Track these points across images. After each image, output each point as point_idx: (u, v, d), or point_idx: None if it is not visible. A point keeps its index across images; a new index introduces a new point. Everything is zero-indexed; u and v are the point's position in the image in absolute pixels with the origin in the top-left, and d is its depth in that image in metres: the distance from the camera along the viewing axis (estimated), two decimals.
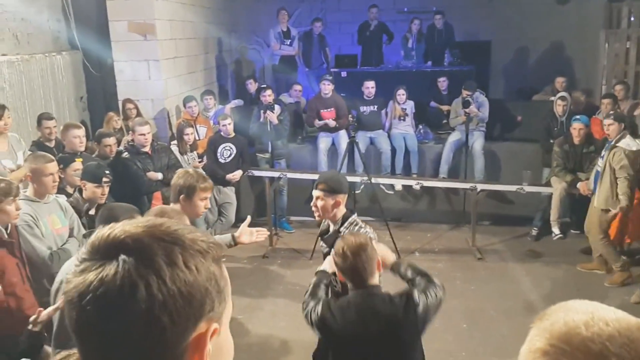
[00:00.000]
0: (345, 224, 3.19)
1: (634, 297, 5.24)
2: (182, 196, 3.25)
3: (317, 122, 7.58)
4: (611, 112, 5.89)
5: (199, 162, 6.57)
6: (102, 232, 0.81)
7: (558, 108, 6.95)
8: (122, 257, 0.76)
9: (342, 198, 3.22)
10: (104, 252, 0.78)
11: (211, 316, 0.80)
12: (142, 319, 0.74)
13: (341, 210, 3.22)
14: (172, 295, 0.76)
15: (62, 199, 4.08)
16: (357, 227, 3.14)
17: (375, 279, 2.67)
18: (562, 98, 7.01)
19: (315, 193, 3.24)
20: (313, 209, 3.26)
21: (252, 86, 8.47)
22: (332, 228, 3.28)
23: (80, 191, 4.22)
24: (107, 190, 4.20)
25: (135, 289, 0.74)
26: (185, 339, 0.78)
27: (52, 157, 4.03)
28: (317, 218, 3.31)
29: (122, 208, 3.09)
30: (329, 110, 7.56)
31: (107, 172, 4.24)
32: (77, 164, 4.57)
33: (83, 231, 3.91)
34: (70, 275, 0.80)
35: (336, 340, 2.68)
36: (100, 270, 0.76)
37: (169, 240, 0.80)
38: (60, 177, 4.12)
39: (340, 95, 7.67)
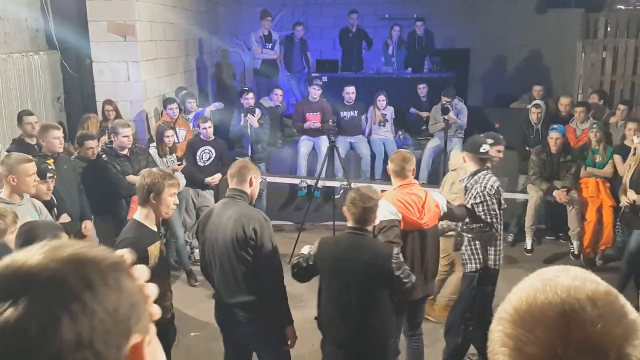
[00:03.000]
0: (473, 179, 4.26)
1: None
2: (152, 195, 3.20)
3: (304, 125, 7.59)
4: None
5: (179, 164, 6.51)
6: None
7: (533, 116, 7.06)
8: (31, 292, 0.68)
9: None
10: (4, 292, 0.68)
11: (140, 327, 0.77)
12: (73, 349, 0.68)
13: None
14: (100, 318, 0.70)
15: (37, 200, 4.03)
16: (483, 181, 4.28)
17: (369, 227, 3.26)
18: (537, 106, 7.14)
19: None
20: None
21: (191, 105, 7.55)
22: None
23: None
24: (52, 185, 4.18)
25: (57, 322, 0.67)
26: (121, 355, 0.73)
27: (31, 157, 3.99)
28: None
29: (45, 226, 2.93)
30: (314, 114, 7.62)
31: (50, 167, 4.21)
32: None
33: None
34: None
35: (328, 265, 3.23)
36: (8, 310, 0.66)
37: (77, 261, 0.72)
38: None
39: (326, 102, 7.69)
